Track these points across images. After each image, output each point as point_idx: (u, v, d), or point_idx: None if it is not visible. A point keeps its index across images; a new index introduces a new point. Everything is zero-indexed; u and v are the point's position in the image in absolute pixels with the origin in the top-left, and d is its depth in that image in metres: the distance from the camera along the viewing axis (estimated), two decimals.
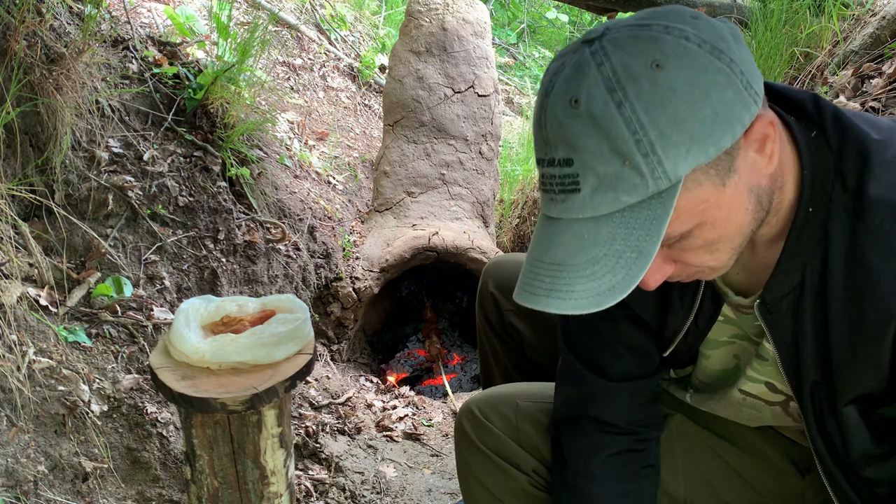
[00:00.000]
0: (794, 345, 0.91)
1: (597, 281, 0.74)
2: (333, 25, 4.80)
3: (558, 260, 0.76)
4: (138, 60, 2.26)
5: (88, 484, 1.56)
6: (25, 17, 1.75)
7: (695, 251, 0.81)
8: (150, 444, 1.70)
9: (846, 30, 2.36)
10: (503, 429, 1.16)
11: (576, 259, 0.75)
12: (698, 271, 0.86)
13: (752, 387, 1.04)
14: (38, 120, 1.81)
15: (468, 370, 3.16)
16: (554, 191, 0.76)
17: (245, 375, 1.17)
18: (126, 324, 1.83)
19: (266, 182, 2.53)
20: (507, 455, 1.15)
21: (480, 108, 3.21)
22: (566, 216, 0.76)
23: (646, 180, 0.72)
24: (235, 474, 1.22)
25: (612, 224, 0.74)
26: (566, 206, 0.76)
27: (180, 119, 2.28)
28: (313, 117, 3.96)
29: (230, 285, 2.21)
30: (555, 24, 7.42)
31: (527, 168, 4.10)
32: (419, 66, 3.15)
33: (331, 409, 2.33)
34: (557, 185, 0.76)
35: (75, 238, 1.87)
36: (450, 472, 2.18)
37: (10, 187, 1.67)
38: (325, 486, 1.98)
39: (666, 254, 0.82)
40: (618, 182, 0.72)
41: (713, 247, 0.81)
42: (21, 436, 1.49)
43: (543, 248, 0.78)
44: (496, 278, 1.51)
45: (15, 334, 1.54)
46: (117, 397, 1.70)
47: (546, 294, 0.76)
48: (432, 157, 3.15)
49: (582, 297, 0.75)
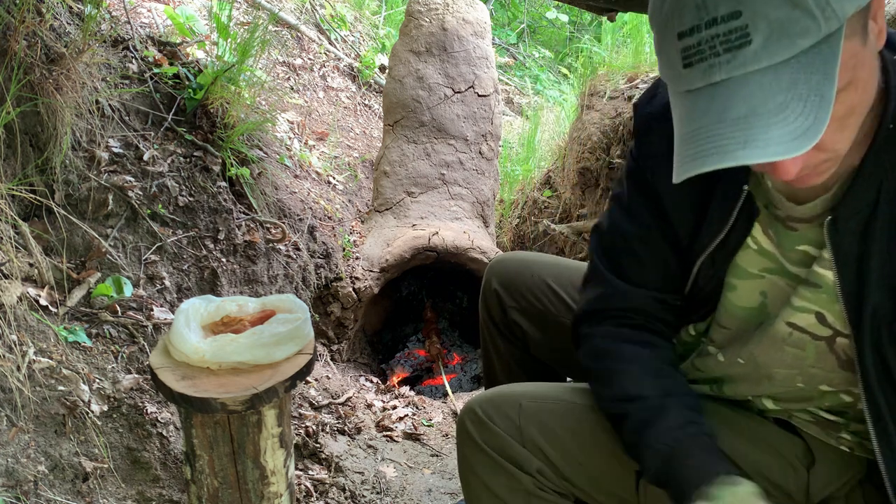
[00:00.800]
0: (857, 269, 0.90)
1: (790, 126, 0.74)
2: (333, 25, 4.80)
3: (744, 113, 0.75)
4: (138, 60, 2.26)
5: (88, 484, 1.56)
6: (25, 17, 1.75)
7: (831, 127, 0.77)
8: (150, 444, 1.71)
9: None
10: (506, 429, 1.15)
11: (765, 107, 0.74)
12: (824, 161, 0.83)
13: (801, 318, 1.00)
14: (38, 120, 1.81)
15: (468, 370, 3.16)
16: (717, 52, 0.75)
17: (245, 375, 1.17)
18: (126, 324, 1.83)
19: (266, 182, 2.53)
20: (510, 456, 1.14)
21: (480, 108, 3.21)
22: (739, 72, 0.75)
23: (817, 22, 0.72)
24: (235, 474, 1.22)
25: (791, 69, 0.74)
26: (737, 62, 0.74)
27: (180, 119, 2.28)
28: (313, 117, 3.96)
29: (230, 285, 2.21)
30: (555, 24, 7.41)
31: (527, 168, 4.10)
32: (419, 66, 3.15)
33: (331, 409, 2.33)
34: (722, 45, 0.74)
35: (75, 238, 1.87)
36: (450, 472, 2.18)
37: (10, 187, 1.67)
38: (325, 486, 1.98)
39: None
40: (790, 26, 0.72)
41: (845, 121, 0.80)
42: (21, 436, 1.49)
43: (720, 111, 0.77)
44: (500, 276, 1.51)
45: (15, 334, 1.54)
46: (117, 397, 1.70)
47: (741, 147, 0.75)
48: (432, 157, 3.15)
49: (780, 143, 0.74)
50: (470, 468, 1.18)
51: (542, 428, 1.16)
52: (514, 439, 1.15)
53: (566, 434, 1.15)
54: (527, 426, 1.15)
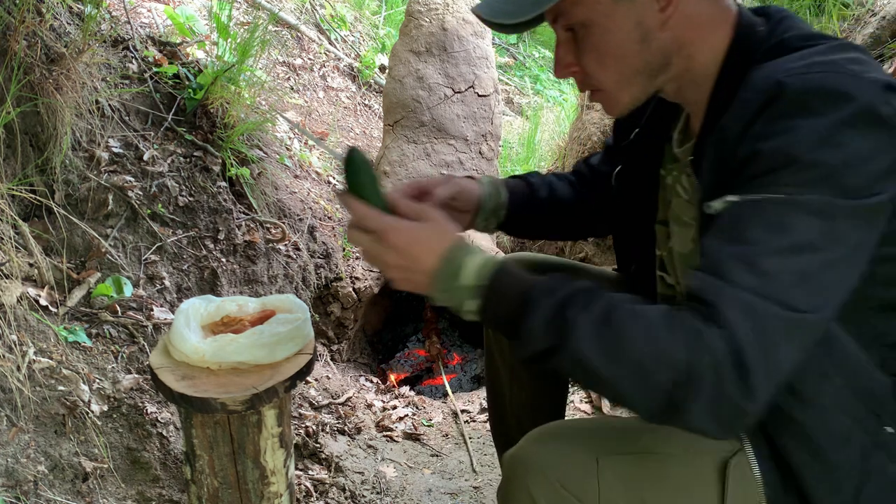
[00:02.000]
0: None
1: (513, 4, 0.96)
2: (333, 25, 4.80)
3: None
4: (138, 60, 2.26)
5: (88, 484, 1.56)
6: (25, 17, 1.75)
7: (587, 54, 0.98)
8: (150, 444, 1.70)
9: (846, 30, 2.36)
10: (587, 501, 0.94)
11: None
12: (597, 86, 1.01)
13: None
14: (38, 120, 1.81)
15: (468, 370, 3.16)
16: None
17: (245, 375, 1.17)
18: (126, 324, 1.83)
19: (266, 182, 2.53)
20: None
21: (480, 108, 3.21)
22: None
23: None
24: (235, 474, 1.22)
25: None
26: None
27: (180, 119, 2.28)
28: (313, 117, 3.96)
29: (230, 285, 2.21)
30: None
31: (526, 168, 4.10)
32: (419, 66, 3.15)
33: (331, 409, 2.33)
34: None
35: (75, 238, 1.87)
36: (450, 472, 2.18)
37: (10, 187, 1.67)
38: (325, 486, 1.98)
39: (570, 43, 0.99)
40: None
41: (602, 60, 0.98)
42: (21, 436, 1.49)
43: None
44: None
45: (15, 334, 1.54)
46: (117, 397, 1.70)
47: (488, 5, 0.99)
48: (432, 157, 3.15)
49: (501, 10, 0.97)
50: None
51: (631, 497, 0.96)
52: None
53: (655, 500, 0.97)
54: (611, 495, 0.95)
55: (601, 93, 1.03)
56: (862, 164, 0.82)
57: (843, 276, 0.83)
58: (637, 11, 0.94)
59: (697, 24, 0.98)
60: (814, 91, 0.83)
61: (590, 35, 0.97)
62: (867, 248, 0.84)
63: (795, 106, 0.83)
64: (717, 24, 0.99)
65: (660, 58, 0.98)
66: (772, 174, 0.83)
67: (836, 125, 0.81)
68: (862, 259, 0.84)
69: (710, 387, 0.79)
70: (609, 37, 0.96)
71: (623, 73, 0.99)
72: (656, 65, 0.98)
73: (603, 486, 0.94)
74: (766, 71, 0.89)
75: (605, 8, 0.94)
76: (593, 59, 0.98)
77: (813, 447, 0.93)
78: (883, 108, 0.82)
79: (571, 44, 1.00)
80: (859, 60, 0.87)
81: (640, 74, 0.99)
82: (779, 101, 0.85)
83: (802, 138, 0.82)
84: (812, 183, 0.82)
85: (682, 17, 0.96)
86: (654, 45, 0.97)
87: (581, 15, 0.95)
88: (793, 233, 0.81)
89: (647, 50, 0.97)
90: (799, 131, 0.82)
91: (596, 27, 0.96)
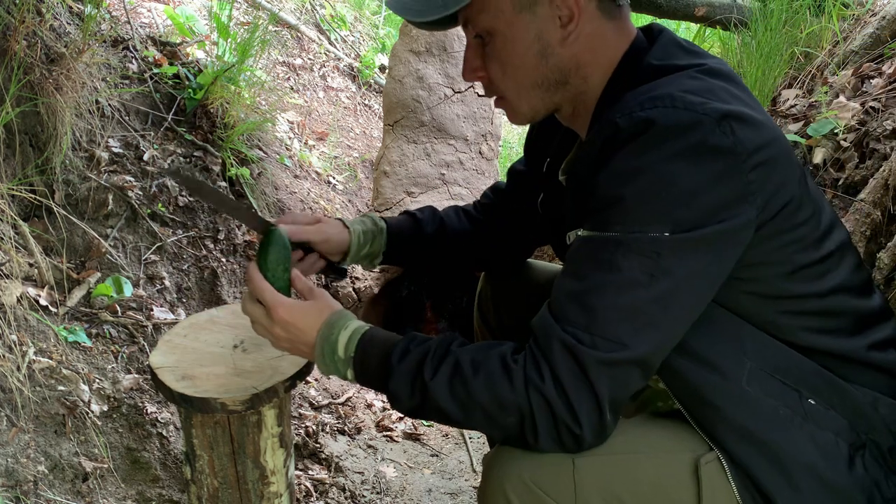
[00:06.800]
0: None
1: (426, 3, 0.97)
2: (333, 25, 4.80)
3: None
4: (138, 60, 2.26)
5: (88, 484, 1.56)
6: (25, 17, 1.75)
7: (492, 62, 1.00)
8: (150, 444, 1.70)
9: (846, 30, 2.36)
10: (563, 501, 0.95)
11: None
12: (500, 94, 1.03)
13: None
14: (38, 120, 1.81)
15: None
16: None
17: (245, 375, 1.17)
18: (126, 324, 1.83)
19: (266, 182, 2.53)
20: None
21: (480, 107, 3.21)
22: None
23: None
24: (235, 474, 1.22)
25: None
26: None
27: (180, 119, 2.28)
28: (313, 117, 3.96)
29: (230, 285, 2.21)
30: None
31: None
32: (419, 66, 3.15)
33: (331, 409, 2.33)
34: None
35: (75, 238, 1.87)
36: (450, 472, 2.18)
37: (10, 187, 1.67)
38: (325, 486, 1.98)
39: (478, 48, 1.01)
40: None
41: (504, 69, 1.00)
42: (21, 436, 1.49)
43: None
44: (495, 279, 1.51)
45: (15, 334, 1.54)
46: (117, 397, 1.70)
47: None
48: (432, 157, 3.15)
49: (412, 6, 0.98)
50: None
51: (607, 496, 0.96)
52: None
53: (632, 499, 0.96)
54: (587, 495, 0.95)
55: (503, 101, 1.05)
56: (692, 198, 0.85)
57: (676, 306, 0.88)
58: (538, 25, 0.95)
59: (596, 45, 0.98)
60: (644, 128, 0.86)
61: (493, 43, 0.98)
62: (710, 274, 0.89)
63: (627, 144, 0.87)
64: (613, 48, 0.99)
65: (557, 74, 0.99)
66: (605, 212, 0.88)
67: (666, 160, 0.85)
68: (703, 284, 0.89)
69: (547, 423, 0.89)
70: (510, 46, 0.97)
71: (522, 83, 1.00)
72: (553, 81, 1.00)
73: (579, 486, 0.94)
74: (617, 105, 0.92)
75: (508, 17, 0.95)
76: (496, 67, 1.00)
77: (753, 437, 0.94)
78: (717, 139, 0.85)
79: (480, 49, 1.01)
80: (708, 89, 0.90)
81: (538, 88, 1.00)
82: (615, 140, 0.88)
83: (631, 177, 0.86)
84: (640, 221, 0.86)
85: (583, 37, 0.97)
86: (551, 61, 0.98)
87: (486, 23, 0.97)
88: (620, 271, 0.86)
89: (545, 65, 0.98)
90: (628, 170, 0.87)
91: (499, 36, 0.97)
